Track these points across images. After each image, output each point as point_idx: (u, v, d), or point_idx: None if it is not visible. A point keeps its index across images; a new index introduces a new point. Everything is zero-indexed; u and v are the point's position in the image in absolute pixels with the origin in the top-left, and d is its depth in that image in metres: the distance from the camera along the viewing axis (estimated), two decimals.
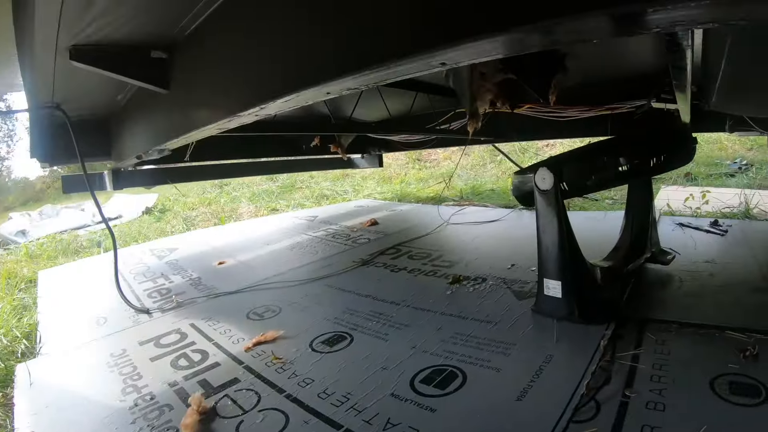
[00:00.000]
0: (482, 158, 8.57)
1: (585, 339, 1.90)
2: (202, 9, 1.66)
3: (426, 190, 7.23)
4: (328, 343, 2.11)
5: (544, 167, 2.08)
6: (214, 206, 7.76)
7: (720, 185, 5.26)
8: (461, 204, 5.53)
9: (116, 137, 3.11)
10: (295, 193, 8.36)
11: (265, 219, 6.16)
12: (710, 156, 6.58)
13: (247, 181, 9.21)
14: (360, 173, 8.79)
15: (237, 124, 1.78)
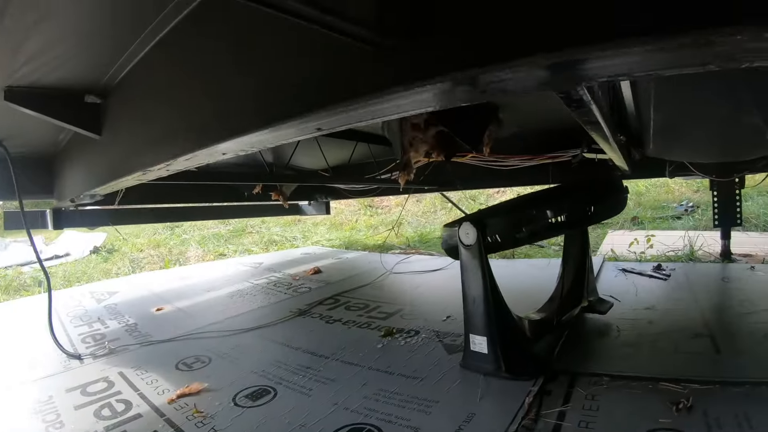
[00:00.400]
0: (433, 205, 8.61)
1: (510, 395, 1.84)
2: (125, 61, 1.68)
3: (374, 237, 7.26)
4: (252, 397, 2.03)
5: (467, 222, 2.05)
6: (163, 248, 7.67)
7: (666, 228, 5.36)
8: (407, 252, 5.56)
9: (58, 176, 3.07)
10: (245, 237, 8.31)
11: (210, 264, 6.10)
12: (657, 199, 6.68)
13: (198, 224, 9.12)
14: (312, 219, 8.78)
15: (154, 177, 1.79)
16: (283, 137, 1.09)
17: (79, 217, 3.61)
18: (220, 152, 1.27)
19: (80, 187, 2.45)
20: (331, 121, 0.93)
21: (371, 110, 0.89)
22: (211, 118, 1.22)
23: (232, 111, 1.14)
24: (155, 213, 4.27)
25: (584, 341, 2.38)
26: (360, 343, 2.60)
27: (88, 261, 7.04)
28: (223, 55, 1.24)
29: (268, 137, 1.10)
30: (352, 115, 0.90)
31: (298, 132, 1.02)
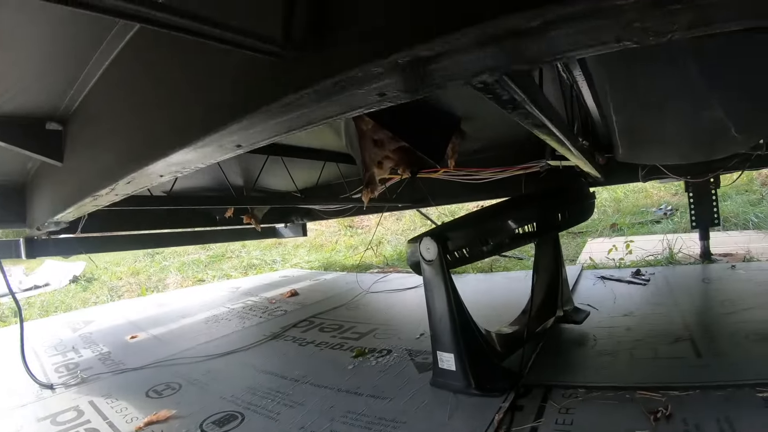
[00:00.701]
0: (413, 222, 8.60)
1: (480, 413, 1.79)
2: (80, 87, 1.68)
3: (353, 257, 7.22)
4: (219, 423, 1.99)
5: (428, 237, 2.01)
6: (142, 276, 7.62)
7: (646, 233, 5.36)
8: (385, 271, 5.52)
9: (29, 205, 3.03)
10: (225, 262, 8.27)
11: (188, 290, 6.06)
12: (636, 204, 6.69)
13: (178, 250, 9.07)
14: (292, 242, 8.76)
15: (106, 201, 1.77)
16: (208, 156, 1.06)
17: (52, 246, 3.55)
18: (156, 174, 1.25)
19: (45, 214, 2.42)
20: (248, 135, 0.90)
21: (280, 121, 0.86)
22: (142, 141, 1.20)
23: (157, 133, 1.12)
24: (128, 240, 4.24)
25: (559, 353, 2.34)
26: (331, 365, 2.55)
27: (67, 291, 6.96)
28: (149, 80, 1.23)
29: (192, 156, 1.07)
30: (265, 127, 0.88)
31: (219, 149, 1.00)
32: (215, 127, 0.88)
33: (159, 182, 1.37)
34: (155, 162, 1.10)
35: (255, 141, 0.95)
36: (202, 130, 0.92)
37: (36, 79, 1.63)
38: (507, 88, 0.93)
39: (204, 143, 0.94)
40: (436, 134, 2.37)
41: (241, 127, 0.86)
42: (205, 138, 0.92)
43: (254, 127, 0.86)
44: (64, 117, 1.94)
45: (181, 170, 1.19)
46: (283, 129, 0.89)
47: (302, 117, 0.86)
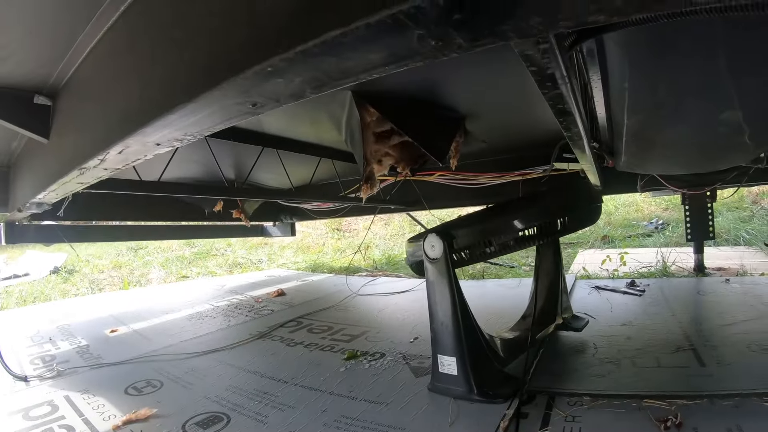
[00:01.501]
0: (401, 228, 8.58)
1: (484, 420, 1.71)
2: (73, 56, 1.59)
3: (341, 260, 7.20)
4: (203, 424, 1.88)
5: (433, 233, 1.93)
6: (125, 270, 7.51)
7: (637, 246, 5.39)
8: (374, 274, 5.48)
9: (12, 187, 2.93)
10: (210, 260, 8.18)
11: (171, 286, 5.99)
12: (627, 218, 6.75)
13: (162, 246, 8.99)
14: (279, 242, 8.72)
15: (93, 178, 1.67)
16: (208, 120, 0.96)
17: (33, 232, 3.45)
18: (153, 142, 1.15)
19: (27, 195, 2.33)
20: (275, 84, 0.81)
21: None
22: (139, 104, 1.11)
23: (160, 90, 1.02)
24: (112, 230, 4.15)
25: (561, 360, 2.27)
26: (322, 367, 2.46)
27: (47, 281, 6.85)
28: (149, 39, 1.14)
29: (191, 120, 0.97)
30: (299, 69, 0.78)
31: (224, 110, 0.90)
32: (233, 72, 0.79)
33: (154, 153, 1.27)
34: (153, 123, 1.01)
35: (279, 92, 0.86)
36: (218, 76, 0.82)
37: (25, 45, 1.54)
38: (556, 61, 0.86)
39: (206, 98, 0.85)
40: (439, 132, 2.31)
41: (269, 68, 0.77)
42: (209, 91, 0.82)
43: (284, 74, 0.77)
44: (53, 91, 1.85)
45: (184, 136, 1.09)
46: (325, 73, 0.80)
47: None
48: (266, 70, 0.70)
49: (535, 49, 0.79)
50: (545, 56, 0.82)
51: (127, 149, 1.22)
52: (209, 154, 2.68)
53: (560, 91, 1.03)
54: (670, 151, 2.05)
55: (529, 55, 0.81)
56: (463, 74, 1.95)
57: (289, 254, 8.25)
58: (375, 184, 2.36)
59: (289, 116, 2.48)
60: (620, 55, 1.27)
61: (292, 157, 3.06)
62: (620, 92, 1.43)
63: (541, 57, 0.82)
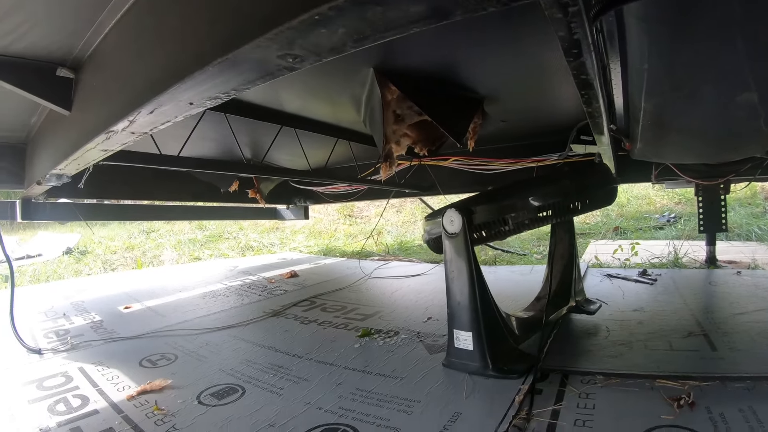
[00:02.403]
0: (413, 215, 8.59)
1: (499, 394, 1.73)
2: (99, 27, 1.59)
3: (354, 245, 7.20)
4: (217, 395, 1.90)
5: (452, 208, 1.93)
6: (137, 251, 7.54)
7: (649, 238, 5.36)
8: (386, 259, 5.49)
9: (29, 164, 2.96)
10: (222, 243, 8.21)
11: (184, 266, 6.01)
12: (639, 210, 6.72)
13: (174, 228, 9.03)
14: (291, 227, 8.76)
15: (118, 144, 1.68)
16: (244, 76, 0.97)
17: (48, 210, 3.48)
18: (186, 100, 1.15)
19: (46, 167, 2.33)
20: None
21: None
22: (172, 62, 1.10)
23: (194, 47, 1.02)
24: (128, 209, 4.16)
25: (574, 341, 2.28)
26: (336, 344, 2.47)
27: (60, 261, 6.87)
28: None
29: (227, 76, 0.99)
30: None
31: (262, 65, 0.91)
32: (278, 22, 0.79)
33: (186, 113, 1.26)
34: (187, 80, 1.00)
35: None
36: (261, 27, 0.82)
37: (51, 16, 1.54)
38: (583, 27, 0.87)
39: (262, 43, 0.85)
40: (458, 112, 2.31)
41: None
42: (268, 34, 0.82)
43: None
44: (76, 64, 1.85)
45: (218, 94, 1.09)
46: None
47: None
48: (313, 18, 0.71)
49: (564, 12, 0.80)
50: (573, 20, 0.84)
51: (158, 109, 1.22)
52: (226, 132, 2.69)
53: (584, 60, 1.04)
54: (685, 138, 2.06)
55: (558, 18, 0.82)
56: (484, 55, 1.96)
57: (300, 238, 8.27)
58: (394, 163, 2.37)
59: (308, 94, 2.48)
60: (641, 33, 1.28)
61: (308, 138, 3.06)
62: (639, 74, 1.43)
63: (569, 21, 0.84)
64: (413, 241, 6.78)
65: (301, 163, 3.85)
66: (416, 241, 6.80)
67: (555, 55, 1.83)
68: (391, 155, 2.35)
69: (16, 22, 1.53)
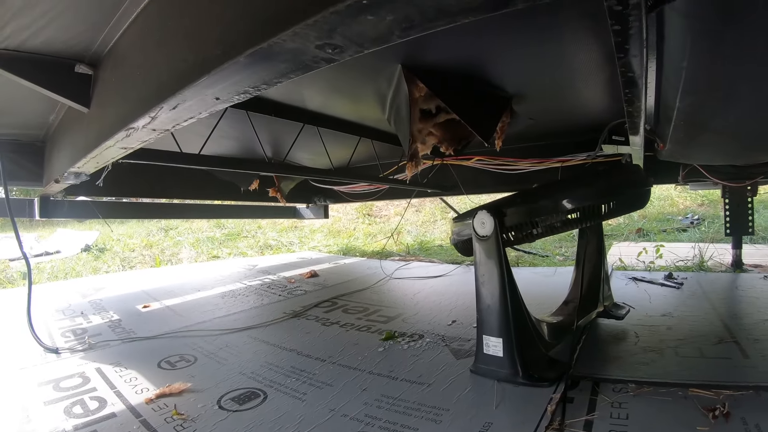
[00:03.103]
0: (433, 215, 8.58)
1: (530, 403, 1.68)
2: (118, 22, 1.56)
3: (373, 244, 7.19)
4: (239, 400, 1.85)
5: (483, 210, 1.88)
6: (155, 249, 7.54)
7: (673, 240, 5.31)
8: (407, 259, 5.46)
9: (47, 161, 2.96)
10: (240, 241, 8.22)
11: (203, 265, 6.01)
12: (662, 212, 6.68)
13: (193, 227, 9.07)
14: (309, 226, 8.79)
15: (138, 142, 1.64)
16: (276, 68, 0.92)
17: (67, 208, 3.48)
18: (212, 95, 1.10)
19: (65, 165, 2.30)
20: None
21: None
22: (197, 55, 1.06)
23: (223, 37, 0.97)
24: (145, 208, 4.16)
25: (603, 347, 2.23)
26: (359, 347, 2.43)
27: (78, 258, 6.90)
28: None
29: (256, 69, 0.94)
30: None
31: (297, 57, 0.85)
32: (322, 6, 0.73)
33: (211, 110, 1.22)
34: (213, 74, 0.95)
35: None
36: (299, 15, 0.77)
37: (69, 10, 1.51)
38: (640, 21, 0.83)
39: (299, 32, 0.79)
40: (487, 111, 2.26)
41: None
42: (308, 21, 0.76)
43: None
44: (95, 60, 1.83)
45: (247, 88, 1.03)
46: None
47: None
48: (361, 3, 0.65)
49: (624, 4, 0.76)
50: (632, 13, 0.80)
51: (181, 104, 1.17)
52: (246, 130, 2.67)
53: (635, 56, 1.02)
54: (719, 138, 2.02)
55: (617, 11, 0.79)
56: (514, 52, 1.91)
57: (319, 237, 8.27)
58: (419, 162, 2.33)
59: (332, 91, 2.45)
60: (683, 29, 1.22)
61: (330, 136, 3.03)
62: (676, 73, 1.39)
63: (628, 13, 0.80)
64: (433, 241, 6.75)
65: (322, 162, 3.82)
66: (436, 241, 6.78)
67: (584, 54, 1.79)
68: (417, 154, 2.31)
69: (33, 16, 1.50)
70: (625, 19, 0.81)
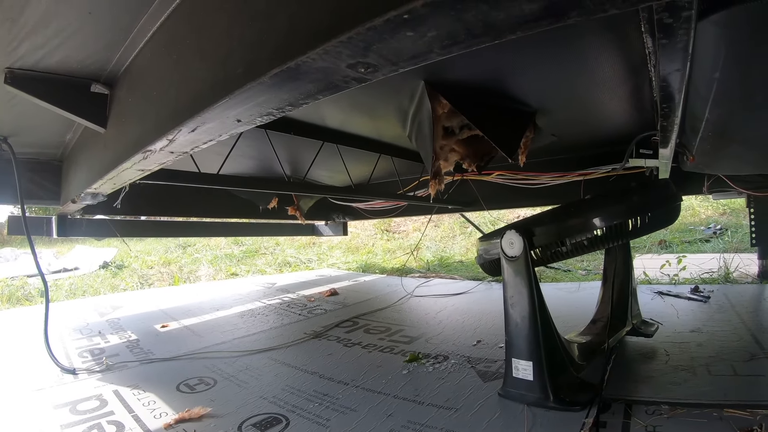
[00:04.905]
0: (451, 230, 8.53)
1: (562, 428, 1.63)
2: (134, 40, 1.55)
3: (392, 261, 7.16)
4: (260, 426, 1.80)
5: (512, 230, 1.83)
6: (174, 266, 7.57)
7: (696, 251, 5.24)
8: (427, 276, 5.43)
9: (64, 181, 2.94)
10: (258, 258, 8.22)
11: (222, 283, 6.01)
12: (683, 222, 6.60)
13: (211, 244, 9.09)
14: (327, 242, 8.78)
15: (155, 164, 1.62)
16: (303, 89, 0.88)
17: (84, 226, 3.47)
18: (233, 117, 1.06)
19: (82, 185, 2.29)
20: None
21: None
22: (218, 76, 1.03)
23: (234, 65, 0.94)
24: (165, 226, 4.14)
25: (633, 366, 2.17)
26: (382, 369, 2.38)
27: (96, 275, 6.95)
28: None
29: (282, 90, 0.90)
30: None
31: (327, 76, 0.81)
32: (357, 22, 0.68)
33: (231, 132, 1.18)
34: (235, 95, 0.91)
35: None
36: (331, 31, 0.72)
37: (84, 28, 1.48)
38: (688, 34, 0.81)
39: (331, 49, 0.74)
40: (510, 126, 2.22)
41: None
42: (341, 37, 0.71)
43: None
44: (111, 79, 1.81)
45: (271, 110, 0.99)
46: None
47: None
48: (402, 17, 0.61)
49: (677, 17, 0.73)
50: (683, 26, 0.78)
51: (201, 127, 1.14)
52: (265, 149, 2.65)
53: (679, 70, 1.00)
54: (747, 148, 1.98)
55: (667, 24, 0.76)
56: (538, 67, 1.88)
57: (338, 254, 8.26)
58: (443, 180, 2.29)
59: (352, 108, 2.42)
60: (718, 40, 1.18)
61: (349, 154, 3.00)
62: (707, 84, 1.34)
63: (679, 27, 0.78)
64: (452, 257, 6.71)
65: (340, 179, 3.80)
66: (456, 257, 6.74)
67: (608, 67, 1.75)
68: (440, 172, 2.27)
69: (47, 35, 1.48)
70: (674, 32, 0.78)
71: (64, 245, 9.99)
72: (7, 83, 1.66)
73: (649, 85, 1.83)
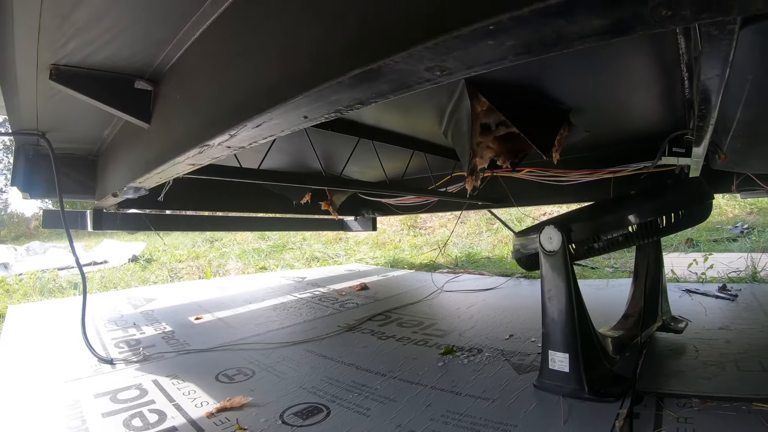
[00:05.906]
0: (478, 226, 8.48)
1: (597, 419, 1.66)
2: (184, 36, 1.56)
3: (420, 256, 7.14)
4: (302, 415, 1.85)
5: (551, 225, 1.88)
6: (202, 260, 7.61)
7: (723, 250, 5.19)
8: (456, 271, 5.41)
9: (101, 175, 2.99)
10: (286, 253, 8.24)
11: (251, 276, 6.03)
12: (710, 221, 6.51)
13: (238, 238, 9.13)
14: (354, 237, 8.78)
15: (208, 158, 1.63)
16: (375, 88, 0.94)
17: (119, 220, 3.52)
18: (300, 114, 1.11)
19: (124, 180, 2.31)
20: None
21: None
22: (280, 78, 1.08)
23: (302, 63, 0.99)
24: (197, 220, 4.19)
25: (663, 361, 2.20)
26: (418, 361, 2.42)
27: (126, 269, 7.03)
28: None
29: (358, 88, 0.95)
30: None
31: (402, 78, 0.86)
32: (442, 31, 0.71)
33: (296, 127, 1.21)
34: (316, 89, 0.95)
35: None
36: (416, 36, 0.75)
37: (134, 26, 1.51)
38: (730, 45, 0.85)
39: (413, 52, 0.76)
40: (545, 124, 2.24)
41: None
42: (428, 43, 0.73)
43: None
44: (155, 76, 1.84)
45: (340, 107, 1.03)
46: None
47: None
48: (488, 28, 0.66)
49: (722, 30, 0.77)
50: (728, 37, 0.81)
51: (267, 122, 1.18)
52: (300, 144, 2.67)
53: (720, 75, 1.02)
54: None
55: (714, 35, 0.80)
56: (576, 68, 1.90)
57: (365, 249, 8.26)
58: (479, 176, 2.32)
59: (388, 104, 2.44)
60: (753, 42, 1.21)
61: (383, 150, 3.02)
62: (740, 85, 1.36)
63: (724, 37, 0.81)
64: (480, 253, 6.70)
65: (371, 174, 3.81)
66: (483, 252, 6.72)
67: (643, 68, 1.78)
68: (476, 169, 2.30)
69: (98, 31, 1.51)
70: (719, 43, 0.82)
71: (91, 239, 10.08)
72: (52, 79, 1.70)
73: (681, 86, 1.85)
